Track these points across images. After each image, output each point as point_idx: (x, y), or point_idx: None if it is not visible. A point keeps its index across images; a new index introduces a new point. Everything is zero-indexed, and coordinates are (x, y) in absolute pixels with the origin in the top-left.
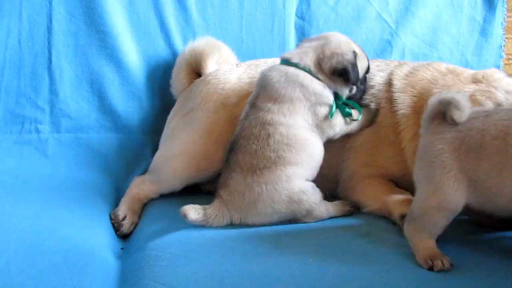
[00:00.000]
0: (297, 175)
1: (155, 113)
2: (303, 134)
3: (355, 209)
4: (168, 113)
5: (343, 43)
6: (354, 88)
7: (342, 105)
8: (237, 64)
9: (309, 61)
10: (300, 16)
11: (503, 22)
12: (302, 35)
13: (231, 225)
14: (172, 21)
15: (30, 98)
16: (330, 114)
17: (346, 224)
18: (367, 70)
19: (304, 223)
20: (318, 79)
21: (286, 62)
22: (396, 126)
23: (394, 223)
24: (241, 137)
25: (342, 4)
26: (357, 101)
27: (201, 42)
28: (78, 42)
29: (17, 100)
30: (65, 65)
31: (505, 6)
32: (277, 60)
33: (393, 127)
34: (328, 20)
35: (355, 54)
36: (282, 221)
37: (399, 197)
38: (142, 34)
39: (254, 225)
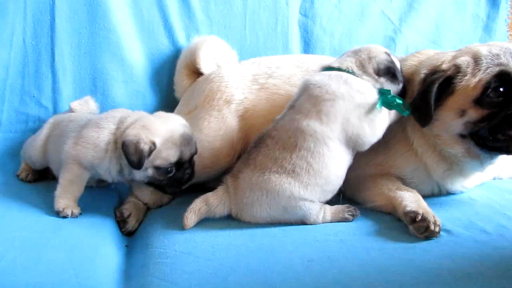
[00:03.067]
0: (301, 196)
1: (159, 111)
2: (328, 154)
3: (353, 218)
4: (172, 111)
5: (372, 47)
6: (401, 84)
7: (392, 97)
8: (240, 62)
9: (350, 64)
10: (304, 13)
11: (507, 19)
12: (305, 33)
13: (232, 219)
14: (176, 19)
15: (34, 96)
16: (378, 105)
17: (351, 222)
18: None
19: None
20: (363, 78)
21: (327, 69)
22: (399, 121)
23: (399, 220)
24: (270, 136)
25: (346, 1)
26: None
27: (194, 40)
28: (81, 40)
29: (21, 98)
30: (69, 63)
31: (509, 3)
32: (281, 57)
33: (397, 123)
34: (331, 18)
35: (388, 54)
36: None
37: (405, 194)
38: (146, 32)
39: (249, 223)
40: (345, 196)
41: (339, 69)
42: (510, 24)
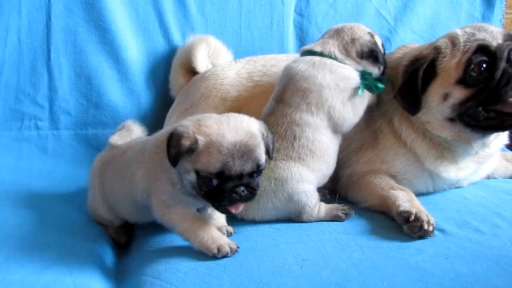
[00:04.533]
0: (309, 179)
1: (154, 110)
2: (326, 141)
3: (347, 217)
4: (167, 110)
5: (355, 27)
6: (382, 66)
7: (373, 81)
8: (235, 60)
9: (332, 48)
10: (299, 12)
11: (502, 19)
12: (301, 32)
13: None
14: (171, 18)
15: (30, 94)
16: (359, 90)
17: (345, 221)
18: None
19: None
20: (345, 63)
21: (308, 53)
22: (385, 114)
23: (393, 219)
24: None
25: (341, 0)
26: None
27: (189, 40)
28: (77, 38)
29: (16, 96)
30: (64, 61)
31: (504, 3)
32: (276, 56)
33: (384, 117)
34: (327, 17)
35: (371, 34)
36: (277, 219)
37: (398, 193)
38: (141, 30)
39: (253, 220)
40: (340, 196)
41: (321, 54)
42: (505, 24)
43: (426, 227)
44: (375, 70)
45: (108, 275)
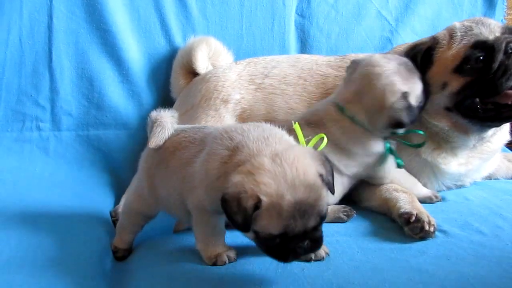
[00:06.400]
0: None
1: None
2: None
3: (348, 218)
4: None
5: (387, 88)
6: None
7: (395, 153)
8: (236, 62)
9: (359, 116)
10: (300, 14)
11: (503, 20)
12: (302, 33)
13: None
14: (173, 19)
15: (31, 96)
16: (382, 162)
17: (347, 223)
18: (425, 92)
19: None
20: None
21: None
22: None
23: (395, 221)
24: None
25: (342, 1)
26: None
27: (190, 40)
28: (78, 40)
29: (18, 98)
30: (66, 63)
31: (505, 3)
32: (277, 58)
33: None
34: (328, 18)
35: (405, 95)
36: None
37: (400, 195)
38: (143, 31)
39: None
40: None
41: (351, 118)
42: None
43: (427, 228)
44: (400, 131)
45: (108, 276)
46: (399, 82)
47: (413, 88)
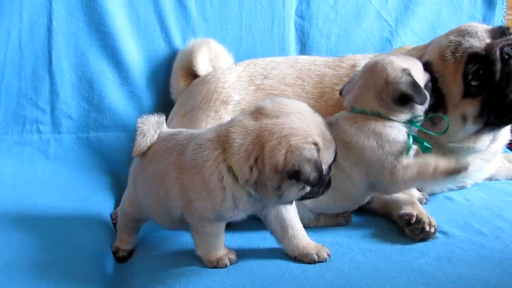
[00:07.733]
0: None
1: (155, 113)
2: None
3: (347, 223)
4: (168, 113)
5: (388, 66)
6: (427, 103)
7: (419, 138)
8: (235, 64)
9: (372, 104)
10: (300, 15)
11: (503, 20)
12: (302, 34)
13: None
14: (172, 21)
15: (31, 98)
16: (406, 151)
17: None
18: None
19: None
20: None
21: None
22: None
23: (395, 222)
24: None
25: (342, 3)
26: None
27: (190, 42)
28: (78, 42)
29: (18, 100)
30: (66, 65)
31: (505, 4)
32: (276, 59)
33: None
34: (328, 19)
35: (406, 71)
36: None
37: (400, 197)
38: (142, 34)
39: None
40: None
41: (363, 112)
42: (506, 25)
43: (428, 229)
44: (418, 112)
45: (109, 278)
46: (398, 61)
47: (413, 66)
